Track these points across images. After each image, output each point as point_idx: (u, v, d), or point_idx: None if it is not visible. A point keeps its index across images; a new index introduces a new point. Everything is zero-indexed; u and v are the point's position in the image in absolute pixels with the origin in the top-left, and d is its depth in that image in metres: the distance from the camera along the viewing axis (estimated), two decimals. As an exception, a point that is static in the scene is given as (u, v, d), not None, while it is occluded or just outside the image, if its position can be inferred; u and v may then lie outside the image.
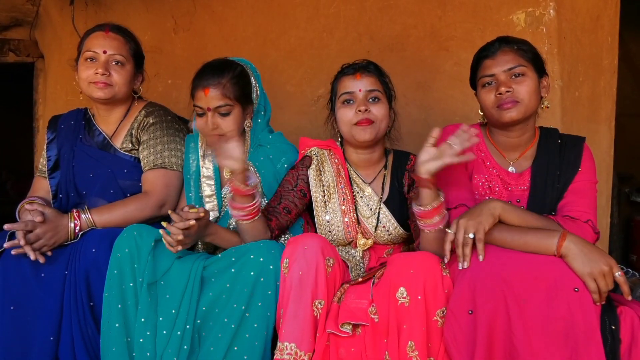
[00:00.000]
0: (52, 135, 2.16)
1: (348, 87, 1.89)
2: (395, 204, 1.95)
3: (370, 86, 1.87)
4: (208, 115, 1.91)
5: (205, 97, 1.90)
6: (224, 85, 1.91)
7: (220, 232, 1.83)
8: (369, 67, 1.91)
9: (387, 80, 1.95)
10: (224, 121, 1.93)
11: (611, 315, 1.46)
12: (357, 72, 1.88)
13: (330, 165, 2.00)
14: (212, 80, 1.90)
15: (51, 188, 2.10)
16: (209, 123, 1.91)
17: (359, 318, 1.62)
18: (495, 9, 2.51)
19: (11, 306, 1.74)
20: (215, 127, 1.92)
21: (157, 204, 1.97)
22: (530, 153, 1.83)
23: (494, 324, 1.46)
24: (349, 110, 1.87)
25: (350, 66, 1.94)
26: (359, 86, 1.87)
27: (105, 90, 2.00)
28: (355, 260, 1.95)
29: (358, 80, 1.87)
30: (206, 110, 1.91)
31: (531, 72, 1.73)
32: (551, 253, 1.50)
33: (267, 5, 2.92)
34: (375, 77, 1.90)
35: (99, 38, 2.02)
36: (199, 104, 1.93)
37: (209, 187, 2.04)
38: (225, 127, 1.93)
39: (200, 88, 1.91)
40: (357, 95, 1.87)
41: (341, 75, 1.94)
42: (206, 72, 1.94)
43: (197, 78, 1.95)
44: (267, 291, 1.67)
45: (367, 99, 1.87)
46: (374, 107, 1.87)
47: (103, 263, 1.72)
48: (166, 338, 1.67)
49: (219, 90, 1.90)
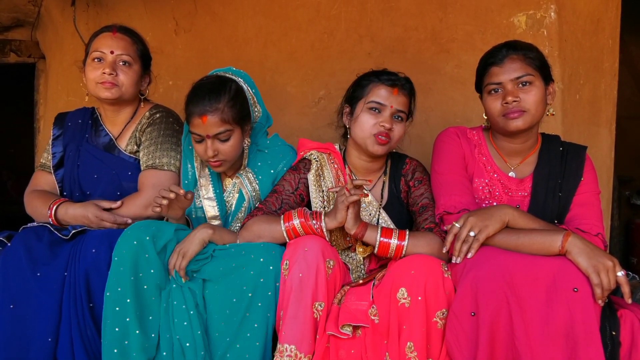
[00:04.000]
0: (59, 132, 2.16)
1: (382, 97, 1.84)
2: (395, 208, 1.95)
3: (400, 106, 1.85)
4: (207, 143, 1.86)
5: (203, 124, 1.83)
6: (221, 110, 1.84)
7: (224, 239, 1.84)
8: (405, 86, 1.88)
9: (413, 102, 1.93)
10: (224, 146, 1.88)
11: (612, 321, 1.46)
12: (396, 87, 1.85)
13: (330, 170, 1.99)
14: (209, 106, 1.83)
15: (57, 184, 2.11)
16: (208, 150, 1.86)
17: (359, 320, 1.62)
18: (497, 11, 2.51)
19: (10, 304, 1.73)
20: (215, 153, 1.88)
21: (143, 204, 1.95)
22: (531, 159, 1.84)
23: (496, 326, 1.46)
24: (373, 119, 1.84)
25: (390, 77, 1.87)
26: (392, 102, 1.84)
27: (112, 91, 2.00)
28: (355, 263, 1.94)
29: (394, 95, 1.84)
30: (205, 137, 1.86)
31: (538, 80, 1.72)
32: (556, 249, 1.51)
33: (268, 7, 2.92)
34: (408, 97, 1.89)
35: (107, 39, 2.02)
36: (196, 131, 1.86)
37: (212, 208, 2.03)
38: (226, 153, 1.89)
39: (196, 115, 1.84)
40: (386, 109, 1.84)
41: (379, 81, 1.87)
42: (201, 97, 1.85)
43: (192, 104, 1.86)
44: (267, 292, 1.67)
45: (392, 116, 1.85)
46: (396, 125, 1.85)
47: (103, 264, 1.72)
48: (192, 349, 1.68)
49: (217, 117, 1.84)
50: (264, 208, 1.89)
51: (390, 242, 1.72)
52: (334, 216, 1.71)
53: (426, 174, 1.96)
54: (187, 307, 1.70)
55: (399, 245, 1.71)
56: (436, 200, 1.82)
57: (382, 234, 1.73)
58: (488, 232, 1.58)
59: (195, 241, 1.76)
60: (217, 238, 1.81)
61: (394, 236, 1.72)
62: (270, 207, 1.91)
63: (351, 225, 1.71)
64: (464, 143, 1.87)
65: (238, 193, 2.04)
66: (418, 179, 1.94)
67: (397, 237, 1.72)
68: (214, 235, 1.80)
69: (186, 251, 1.74)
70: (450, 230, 1.64)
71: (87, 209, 1.91)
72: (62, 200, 1.99)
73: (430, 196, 1.88)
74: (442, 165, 1.84)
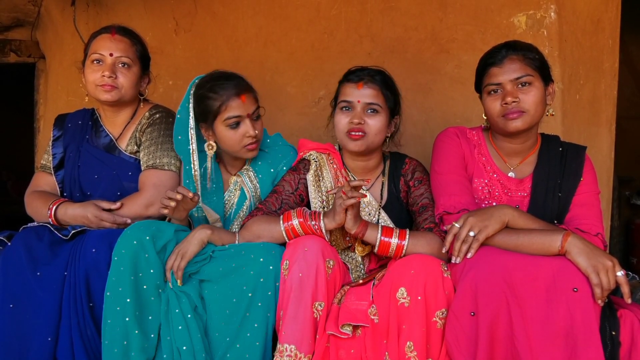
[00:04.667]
0: (59, 133, 2.17)
1: (348, 95, 1.86)
2: (394, 209, 1.95)
3: (369, 99, 1.84)
4: (247, 122, 1.90)
5: (243, 104, 1.89)
6: (251, 88, 1.95)
7: (223, 239, 1.84)
8: (374, 78, 1.86)
9: (391, 91, 1.90)
10: (258, 124, 1.95)
11: (612, 321, 1.46)
12: (360, 82, 1.85)
13: (329, 170, 1.99)
14: (242, 86, 1.92)
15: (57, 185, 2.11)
16: (250, 130, 1.90)
17: (359, 319, 1.62)
18: (497, 11, 2.51)
19: (10, 304, 1.73)
20: (257, 132, 1.92)
21: (144, 203, 1.95)
22: (531, 160, 1.84)
23: (496, 326, 1.46)
24: (345, 117, 1.86)
25: (356, 73, 1.89)
26: (358, 97, 1.84)
27: (112, 93, 2.01)
28: (355, 262, 1.94)
29: (359, 90, 1.84)
30: (245, 117, 1.90)
31: (538, 81, 1.72)
32: (555, 249, 1.51)
33: (268, 7, 2.92)
34: (379, 89, 1.85)
35: (106, 40, 2.02)
36: (235, 113, 1.88)
37: (212, 215, 2.02)
38: (260, 131, 1.95)
39: (234, 96, 1.88)
40: (355, 105, 1.84)
41: (345, 80, 1.91)
42: (225, 80, 1.92)
43: (220, 89, 1.89)
44: (267, 292, 1.67)
45: (365, 111, 1.84)
46: (370, 119, 1.84)
47: (103, 263, 1.72)
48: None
49: (251, 95, 1.94)
50: (263, 208, 1.90)
51: (390, 241, 1.72)
52: (333, 217, 1.71)
53: (426, 174, 1.95)
54: (182, 311, 1.69)
55: (399, 245, 1.71)
56: (436, 200, 1.82)
57: (382, 233, 1.73)
58: (487, 232, 1.58)
59: (194, 242, 1.76)
60: (216, 239, 1.81)
61: (395, 235, 1.73)
62: (270, 207, 1.91)
63: (351, 225, 1.71)
64: (463, 143, 1.87)
65: (240, 191, 2.05)
66: (418, 179, 1.94)
67: (398, 236, 1.72)
68: (213, 235, 1.80)
69: (185, 252, 1.74)
70: (449, 230, 1.64)
71: (86, 209, 1.91)
72: (61, 200, 1.99)
73: (430, 196, 1.88)
74: (441, 165, 1.84)
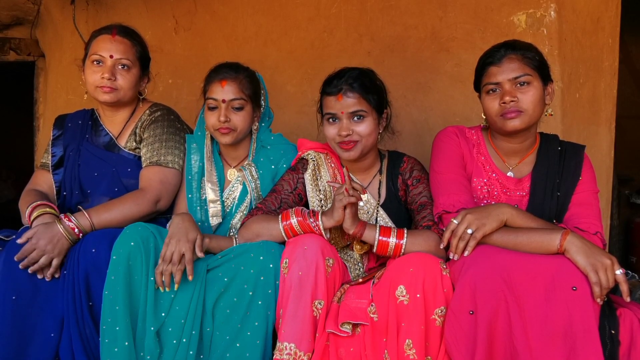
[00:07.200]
0: (59, 132, 2.18)
1: (330, 107, 1.85)
2: (393, 207, 1.95)
3: (352, 107, 1.82)
4: (221, 108, 1.95)
5: (222, 89, 1.95)
6: (240, 80, 1.98)
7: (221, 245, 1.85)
8: (352, 86, 1.81)
9: (373, 91, 1.85)
10: (236, 116, 1.97)
11: (611, 319, 1.46)
12: (339, 93, 1.82)
13: (327, 169, 1.99)
14: (229, 74, 1.97)
15: (55, 184, 2.11)
16: (221, 115, 1.94)
17: (359, 318, 1.62)
18: (496, 10, 2.51)
19: (13, 295, 1.73)
20: (226, 119, 1.94)
21: (153, 199, 1.96)
22: (530, 159, 1.84)
23: (495, 324, 1.46)
24: (333, 128, 1.85)
25: (333, 83, 1.85)
26: (341, 108, 1.82)
27: (111, 94, 2.02)
28: (354, 261, 1.95)
29: (340, 101, 1.82)
30: (220, 102, 1.95)
31: (537, 80, 1.72)
32: (554, 248, 1.51)
33: (268, 6, 2.93)
34: (359, 95, 1.81)
35: (106, 41, 2.02)
36: (213, 96, 1.96)
37: (213, 192, 2.04)
38: (236, 122, 1.97)
39: (217, 80, 1.96)
40: (340, 116, 1.83)
41: (324, 93, 1.88)
42: (222, 68, 2.00)
43: (213, 72, 2.00)
44: (267, 290, 1.67)
45: (351, 119, 1.83)
46: (358, 125, 1.83)
47: (103, 263, 1.72)
48: (175, 347, 1.68)
49: (235, 84, 1.96)
50: (263, 207, 1.90)
51: (389, 241, 1.72)
52: (331, 215, 1.71)
53: (424, 173, 1.95)
54: (181, 309, 1.70)
55: (397, 244, 1.71)
56: (435, 199, 1.82)
57: (380, 232, 1.73)
58: (485, 230, 1.58)
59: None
60: (213, 245, 1.83)
61: (393, 235, 1.73)
62: (270, 206, 1.91)
63: (349, 224, 1.71)
64: (462, 142, 1.87)
65: (242, 186, 2.06)
66: (416, 178, 1.93)
67: (396, 235, 1.72)
68: (211, 243, 1.82)
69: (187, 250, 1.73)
70: (447, 227, 1.64)
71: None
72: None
73: (428, 194, 1.88)
74: (440, 164, 1.84)
